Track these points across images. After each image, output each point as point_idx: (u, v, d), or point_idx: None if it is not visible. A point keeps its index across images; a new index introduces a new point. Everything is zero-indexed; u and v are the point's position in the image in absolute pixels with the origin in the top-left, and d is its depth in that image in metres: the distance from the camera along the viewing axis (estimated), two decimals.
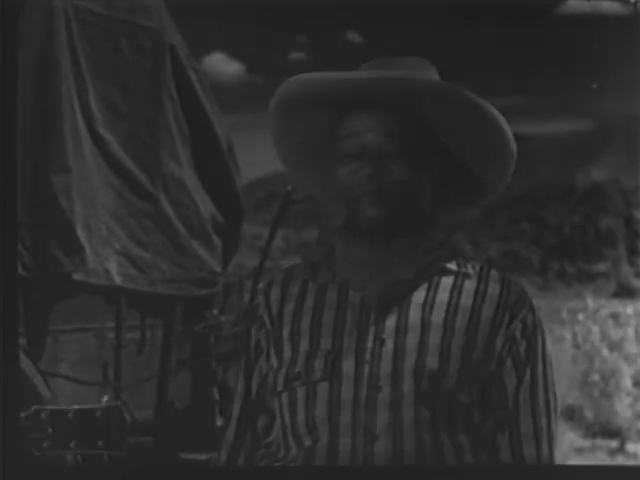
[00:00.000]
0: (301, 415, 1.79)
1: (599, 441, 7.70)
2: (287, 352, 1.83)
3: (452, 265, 1.84)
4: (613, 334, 9.14)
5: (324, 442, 1.77)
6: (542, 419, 1.83)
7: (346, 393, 1.77)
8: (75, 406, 3.55)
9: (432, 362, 1.76)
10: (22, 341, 3.68)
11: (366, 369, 1.77)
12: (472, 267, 1.86)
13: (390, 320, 1.79)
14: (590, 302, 10.32)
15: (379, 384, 1.76)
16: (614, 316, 10.01)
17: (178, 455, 4.11)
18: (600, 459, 7.01)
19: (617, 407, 7.94)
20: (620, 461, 7.04)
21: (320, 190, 2.00)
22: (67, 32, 3.92)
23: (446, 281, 1.83)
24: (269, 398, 1.86)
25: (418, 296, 1.81)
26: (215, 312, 4.59)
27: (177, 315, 4.44)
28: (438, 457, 1.75)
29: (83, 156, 3.97)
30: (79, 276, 3.88)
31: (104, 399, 3.83)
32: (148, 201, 4.29)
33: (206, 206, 4.57)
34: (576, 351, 9.04)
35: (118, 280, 4.09)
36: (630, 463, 6.93)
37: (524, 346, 1.82)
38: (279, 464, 1.84)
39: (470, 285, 1.83)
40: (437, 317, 1.79)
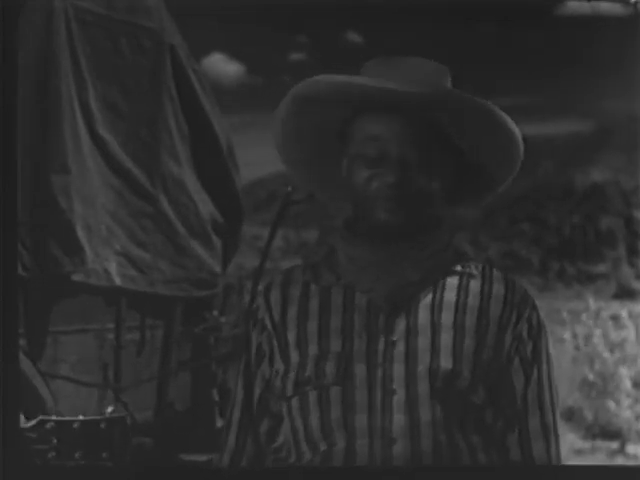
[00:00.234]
0: (315, 419, 1.78)
1: (599, 442, 7.69)
2: (294, 356, 1.81)
3: (456, 266, 1.84)
4: (613, 335, 9.14)
5: (341, 446, 1.76)
6: (549, 417, 1.84)
7: (360, 396, 1.76)
8: (80, 417, 3.56)
9: (446, 363, 1.76)
10: (22, 342, 3.68)
11: (379, 372, 1.76)
12: (475, 267, 1.86)
13: (399, 322, 1.79)
14: (590, 303, 10.31)
15: (393, 386, 1.76)
16: (614, 317, 10.00)
17: (178, 456, 4.11)
18: (600, 460, 7.00)
19: (617, 408, 7.93)
20: (620, 462, 7.03)
21: (321, 189, 1.99)
22: (67, 32, 3.92)
23: (451, 281, 1.83)
24: (274, 402, 1.85)
25: (425, 297, 1.80)
26: (215, 313, 4.59)
27: (177, 316, 4.43)
28: (454, 457, 1.75)
29: (83, 156, 3.97)
30: (79, 277, 3.87)
31: (109, 409, 3.83)
32: (148, 201, 4.29)
33: (206, 206, 4.57)
34: (576, 352, 9.03)
35: (118, 281, 4.09)
36: (630, 464, 6.92)
37: (531, 346, 1.83)
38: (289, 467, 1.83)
39: (475, 285, 1.83)
40: (446, 318, 1.79)
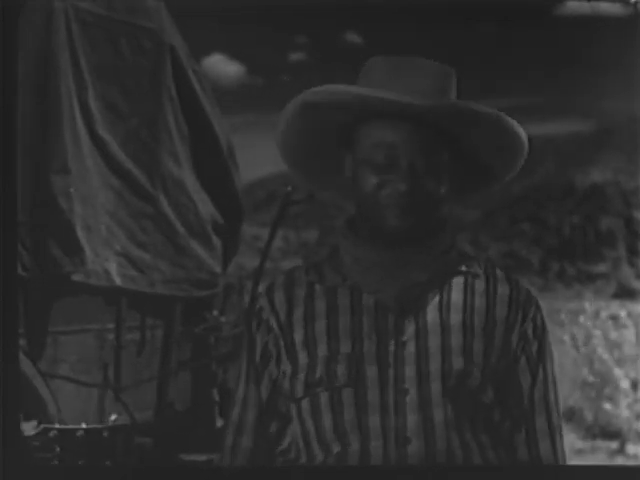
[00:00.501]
0: (327, 421, 1.78)
1: (599, 442, 7.70)
2: (302, 357, 1.80)
3: (461, 266, 1.85)
4: (612, 336, 9.14)
5: (355, 447, 1.76)
6: (555, 417, 1.86)
7: (372, 397, 1.76)
8: (83, 425, 3.57)
9: (457, 363, 1.77)
10: (22, 342, 3.68)
11: (390, 372, 1.77)
12: (478, 266, 1.87)
13: (408, 322, 1.79)
14: (590, 304, 10.32)
15: (405, 386, 1.76)
16: (613, 318, 10.00)
17: (178, 456, 4.11)
18: (600, 460, 7.00)
19: (617, 408, 7.93)
20: (620, 462, 7.03)
21: (322, 189, 1.99)
22: (67, 33, 3.92)
23: (457, 282, 1.83)
24: (282, 404, 1.84)
25: (433, 298, 1.81)
26: (215, 313, 4.59)
27: (177, 316, 4.43)
28: (465, 457, 1.76)
29: (83, 156, 3.97)
30: (79, 277, 3.87)
31: (112, 417, 3.84)
32: (148, 202, 4.29)
33: (206, 206, 4.57)
34: (576, 352, 9.04)
35: (118, 281, 4.09)
36: (630, 464, 6.92)
37: (536, 345, 1.85)
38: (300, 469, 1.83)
39: (480, 285, 1.84)
40: (455, 318, 1.80)
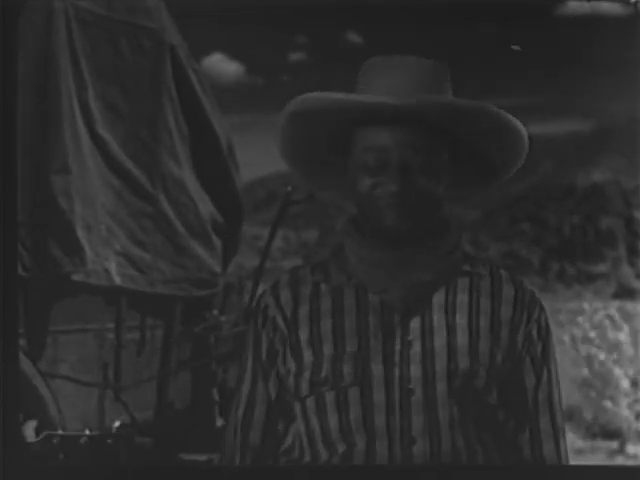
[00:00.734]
0: (333, 420, 1.78)
1: (599, 442, 7.69)
2: (307, 356, 1.80)
3: (466, 266, 1.85)
4: (611, 335, 9.14)
5: (361, 447, 1.76)
6: (558, 417, 1.86)
7: (378, 397, 1.76)
8: (87, 432, 3.57)
9: (463, 363, 1.77)
10: (22, 342, 3.68)
11: (396, 372, 1.77)
12: (483, 267, 1.87)
13: (414, 322, 1.79)
14: (589, 304, 10.32)
15: (411, 386, 1.77)
16: (612, 317, 10.00)
17: (178, 456, 4.11)
18: (600, 460, 7.00)
19: (617, 408, 7.93)
20: (620, 462, 7.03)
21: (322, 189, 1.99)
22: (67, 32, 3.91)
23: (462, 282, 1.83)
24: (289, 402, 1.84)
25: (438, 298, 1.81)
26: (215, 313, 4.59)
27: (177, 316, 4.43)
28: (470, 457, 1.76)
29: (83, 156, 3.97)
30: (79, 277, 3.87)
31: (116, 424, 3.84)
32: (148, 201, 4.29)
33: (206, 206, 4.57)
34: (575, 352, 9.04)
35: (118, 280, 4.09)
36: (630, 464, 6.92)
37: (541, 346, 1.85)
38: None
39: (485, 285, 1.84)
40: (461, 318, 1.80)
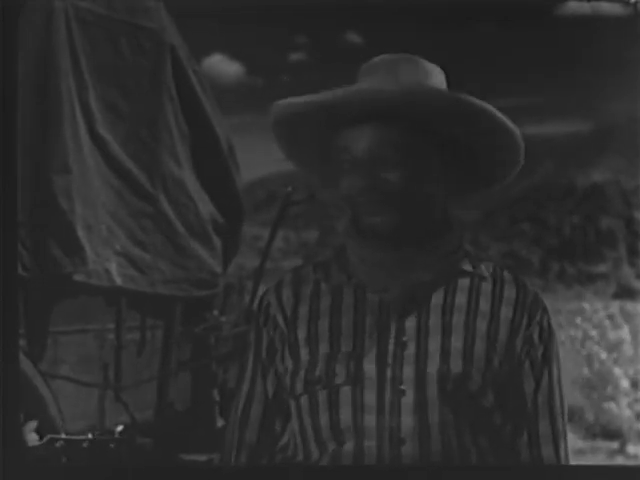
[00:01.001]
0: (324, 419, 1.78)
1: (599, 442, 7.69)
2: (304, 355, 1.81)
3: (467, 267, 1.84)
4: (612, 335, 9.14)
5: (350, 446, 1.76)
6: (559, 421, 1.84)
7: (369, 397, 1.76)
8: (89, 436, 3.56)
9: (456, 366, 1.76)
10: (22, 342, 3.68)
11: (388, 372, 1.76)
12: (485, 268, 1.85)
13: (410, 323, 1.78)
14: (589, 304, 10.33)
15: (402, 387, 1.76)
16: (612, 317, 10.01)
17: (178, 456, 4.11)
18: (600, 460, 7.00)
19: (618, 408, 7.93)
20: (620, 462, 7.02)
21: (323, 188, 1.99)
22: (67, 32, 3.91)
23: (463, 283, 1.82)
24: (285, 400, 1.84)
25: (437, 298, 1.80)
26: (215, 313, 4.58)
27: (177, 316, 4.43)
28: (462, 460, 1.75)
29: (83, 156, 3.97)
30: (80, 277, 3.87)
31: (118, 429, 3.84)
32: (148, 201, 4.29)
33: (206, 206, 4.57)
34: (576, 352, 9.04)
35: (118, 281, 4.08)
36: (631, 464, 6.91)
37: (542, 350, 1.82)
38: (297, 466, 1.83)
39: (486, 287, 1.83)
40: (458, 320, 1.79)
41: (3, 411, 2.32)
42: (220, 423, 4.45)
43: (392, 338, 1.78)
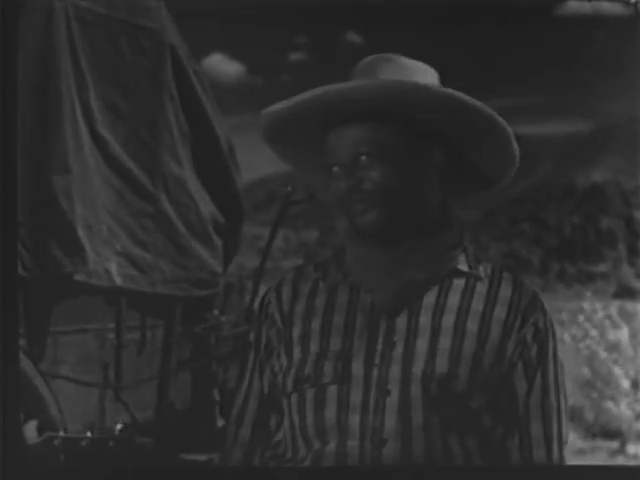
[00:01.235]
0: (310, 417, 1.78)
1: (599, 442, 7.69)
2: (297, 353, 1.82)
3: (464, 267, 1.83)
4: (611, 335, 9.14)
5: (333, 445, 1.76)
6: (553, 423, 1.81)
7: (355, 396, 1.76)
8: (88, 434, 3.57)
9: (441, 366, 1.75)
10: (22, 342, 3.68)
11: (375, 372, 1.76)
12: (483, 269, 1.84)
13: (401, 322, 1.78)
14: (589, 303, 10.32)
15: (388, 387, 1.75)
16: (612, 317, 10.00)
17: (178, 456, 4.11)
18: (600, 460, 7.00)
19: (618, 408, 7.93)
20: (620, 462, 7.03)
21: (322, 188, 2.00)
22: (67, 32, 3.91)
23: (457, 283, 1.81)
24: (278, 398, 1.85)
25: (429, 299, 1.79)
26: (215, 313, 4.59)
27: (177, 316, 4.43)
28: (446, 461, 1.74)
29: (83, 156, 3.97)
30: (80, 277, 3.88)
31: (118, 427, 3.84)
32: (148, 201, 4.29)
33: (206, 206, 4.57)
34: (576, 352, 9.04)
35: (119, 281, 4.09)
36: (631, 464, 6.91)
37: (535, 350, 1.80)
38: (287, 465, 1.83)
39: (481, 288, 1.82)
40: (448, 321, 1.78)
41: (3, 411, 2.32)
42: (220, 423, 4.45)
43: (381, 338, 1.78)
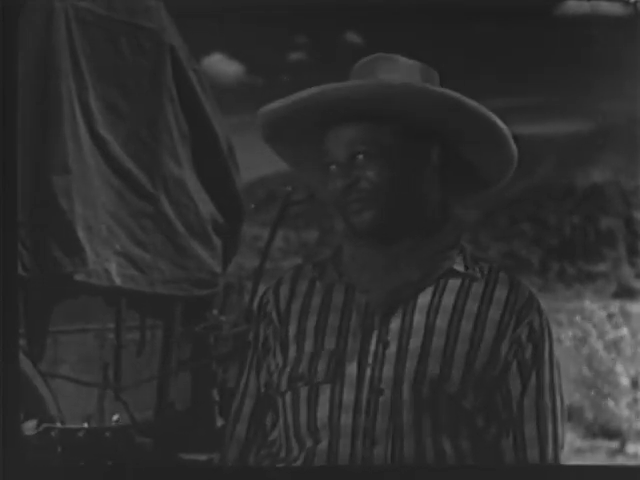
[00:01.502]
0: (303, 416, 1.78)
1: (599, 442, 7.69)
2: (292, 352, 1.82)
3: (460, 267, 1.82)
4: (611, 334, 9.14)
5: (324, 444, 1.76)
6: (547, 424, 1.80)
7: (348, 396, 1.76)
8: (85, 425, 3.56)
9: (434, 367, 1.75)
10: (22, 342, 3.68)
11: (368, 372, 1.76)
12: (480, 269, 1.83)
13: (395, 323, 1.78)
14: (589, 303, 10.32)
15: (381, 387, 1.75)
16: (612, 317, 10.00)
17: (178, 456, 4.11)
18: (600, 460, 6.99)
19: (617, 407, 7.93)
20: (620, 462, 7.02)
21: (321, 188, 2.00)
22: (67, 32, 3.92)
23: (453, 283, 1.81)
24: (273, 396, 1.85)
25: (424, 299, 1.79)
26: (215, 313, 4.59)
27: (177, 316, 4.43)
28: (438, 462, 1.74)
29: (83, 156, 3.97)
30: (80, 277, 3.88)
31: (114, 418, 3.84)
32: (148, 201, 4.30)
33: (206, 206, 4.57)
34: (575, 352, 9.04)
35: (118, 281, 4.09)
36: (630, 463, 6.91)
37: (530, 350, 1.80)
38: (280, 465, 1.83)
39: (477, 288, 1.81)
40: (442, 321, 1.77)
41: (3, 411, 2.32)
42: (220, 423, 4.45)
43: (375, 337, 1.78)
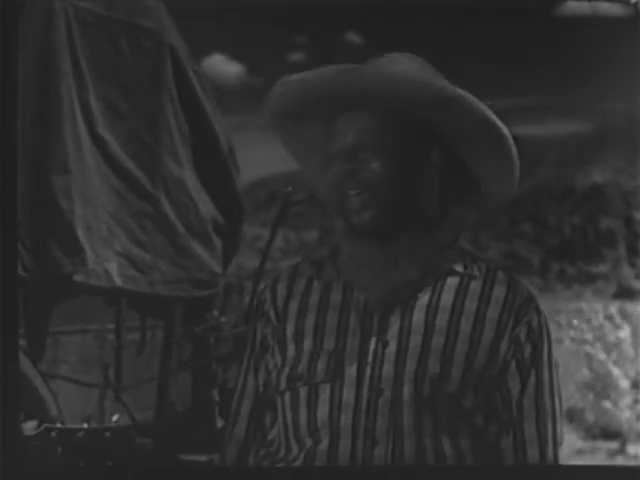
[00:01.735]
0: (303, 416, 1.78)
1: (599, 443, 7.69)
2: (291, 351, 1.81)
3: (458, 266, 1.82)
4: (611, 336, 9.14)
5: (325, 444, 1.76)
6: (547, 423, 1.80)
7: (347, 395, 1.75)
8: (85, 425, 3.56)
9: (433, 366, 1.74)
10: (22, 342, 3.68)
11: (368, 371, 1.75)
12: (478, 268, 1.83)
13: (394, 322, 1.77)
14: (589, 304, 10.32)
15: (381, 387, 1.75)
16: (612, 318, 10.00)
17: (178, 456, 4.10)
18: (600, 461, 6.99)
19: (617, 409, 7.93)
20: (620, 463, 7.02)
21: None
22: (67, 32, 3.92)
23: (451, 282, 1.80)
24: (272, 396, 1.85)
25: (423, 298, 1.78)
26: (215, 313, 4.58)
27: (177, 316, 4.43)
28: (439, 462, 1.73)
29: (83, 157, 3.97)
30: (80, 277, 3.88)
31: (114, 418, 3.84)
32: (148, 202, 4.29)
33: (206, 207, 4.57)
34: (575, 353, 9.04)
35: (118, 281, 4.09)
36: (630, 464, 6.91)
37: (529, 349, 1.79)
38: (280, 465, 1.82)
39: (475, 287, 1.81)
40: (441, 320, 1.77)
41: (3, 411, 2.32)
42: (220, 423, 4.44)
43: (374, 337, 1.77)
